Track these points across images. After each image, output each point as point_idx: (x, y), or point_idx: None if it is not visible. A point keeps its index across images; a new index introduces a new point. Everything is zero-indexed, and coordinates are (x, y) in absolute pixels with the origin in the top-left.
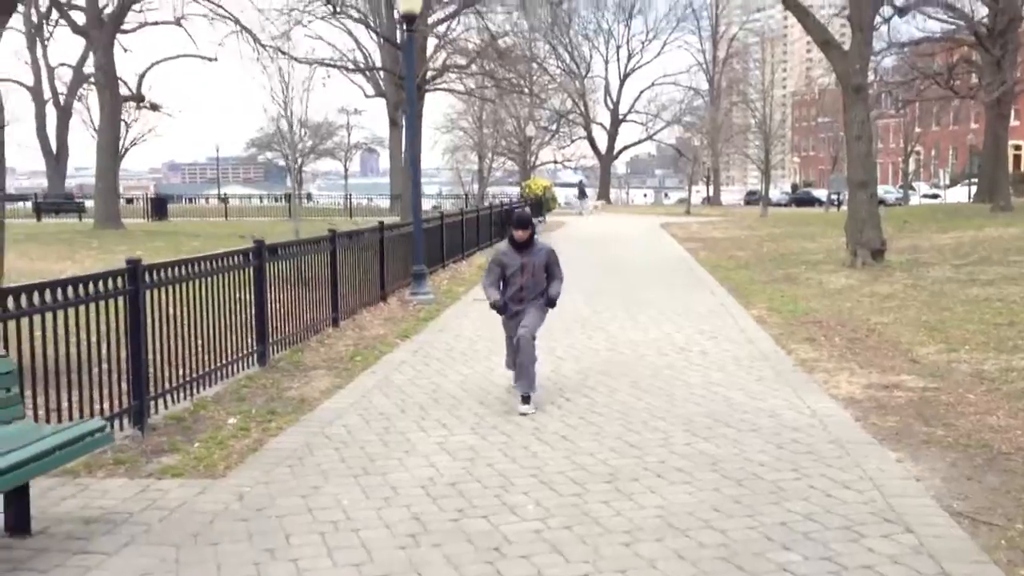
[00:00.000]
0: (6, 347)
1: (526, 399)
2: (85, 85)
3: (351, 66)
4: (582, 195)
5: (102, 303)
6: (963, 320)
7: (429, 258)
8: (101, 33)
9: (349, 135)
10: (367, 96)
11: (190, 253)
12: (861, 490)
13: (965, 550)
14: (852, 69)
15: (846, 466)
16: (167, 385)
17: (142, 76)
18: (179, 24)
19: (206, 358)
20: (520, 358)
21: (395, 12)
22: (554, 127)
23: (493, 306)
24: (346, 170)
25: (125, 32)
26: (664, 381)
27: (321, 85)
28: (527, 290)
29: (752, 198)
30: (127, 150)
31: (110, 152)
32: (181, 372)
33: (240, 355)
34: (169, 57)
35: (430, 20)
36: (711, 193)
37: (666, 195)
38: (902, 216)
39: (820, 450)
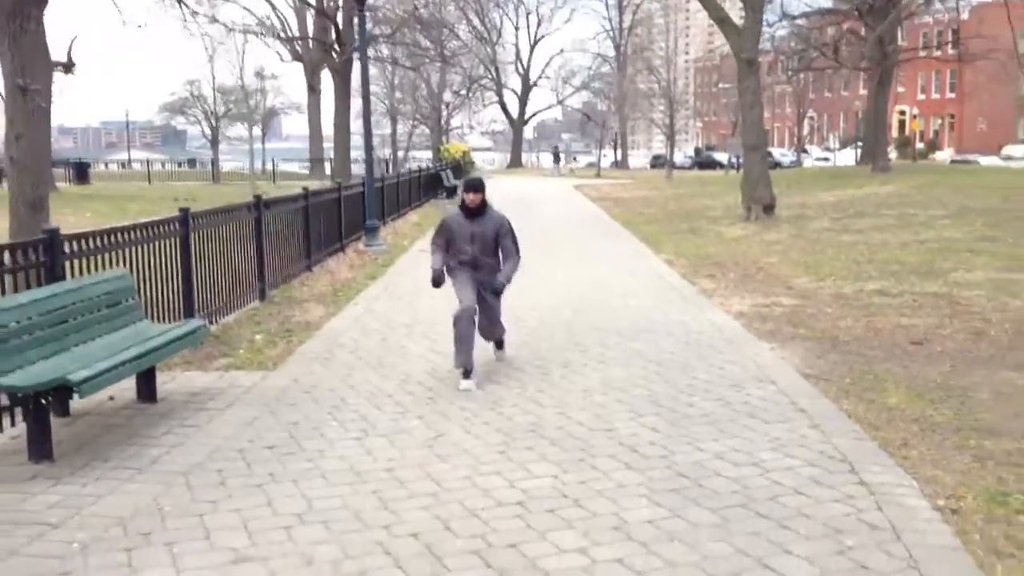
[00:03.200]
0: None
1: (500, 343)
2: None
3: (282, 35)
4: (556, 159)
5: (159, 243)
6: (832, 259)
7: (364, 217)
8: None
9: (265, 100)
10: (283, 61)
11: (138, 216)
12: (743, 365)
13: (810, 393)
14: (745, 44)
15: (734, 352)
16: (203, 311)
17: (72, 43)
18: None
19: (225, 291)
20: (484, 322)
21: None
22: (464, 92)
23: (433, 274)
24: (264, 135)
25: None
26: (596, 305)
27: (240, 51)
28: (479, 262)
29: (657, 162)
30: None
31: (44, 115)
32: (211, 300)
33: (247, 290)
34: (99, 25)
35: None
36: (619, 157)
37: (575, 158)
38: (792, 177)
39: (716, 344)
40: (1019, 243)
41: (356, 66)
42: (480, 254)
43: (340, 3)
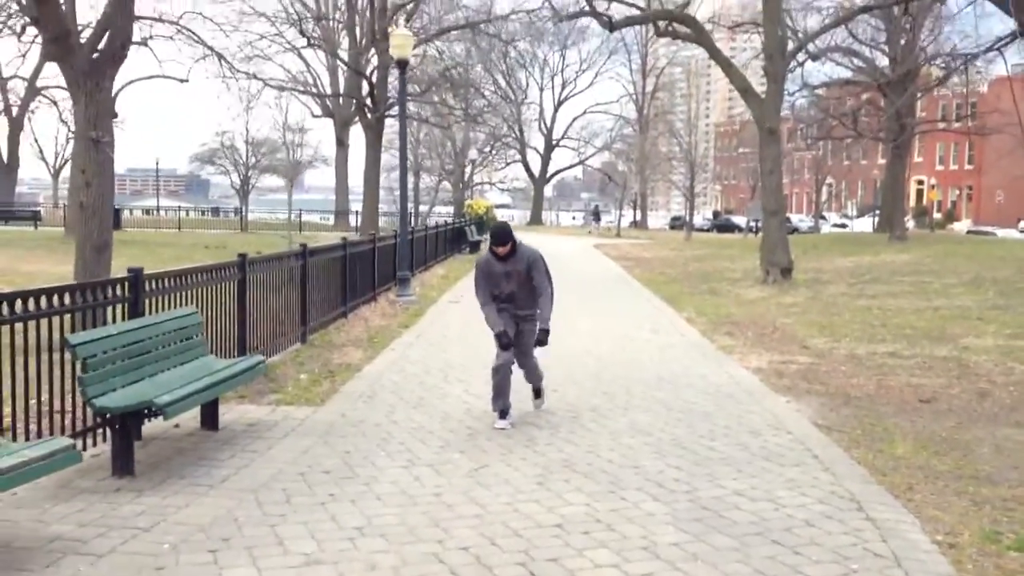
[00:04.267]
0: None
1: (537, 391)
2: (38, 98)
3: (321, 91)
4: (596, 218)
5: (218, 286)
6: (848, 322)
7: (394, 268)
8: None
9: (292, 153)
10: (314, 116)
11: (168, 261)
12: (761, 415)
13: (823, 442)
14: (767, 114)
15: (751, 403)
16: (254, 350)
17: (117, 93)
18: (145, 44)
19: (273, 333)
20: (527, 370)
21: (357, 42)
22: (488, 150)
23: (498, 337)
24: (291, 186)
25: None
26: (622, 358)
27: (276, 105)
28: (518, 295)
29: (676, 223)
30: (67, 162)
31: None
32: (261, 341)
33: (291, 333)
34: (143, 77)
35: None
36: (638, 217)
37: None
38: (810, 243)
39: (735, 395)
40: None
41: (387, 123)
42: (516, 290)
43: (375, 62)
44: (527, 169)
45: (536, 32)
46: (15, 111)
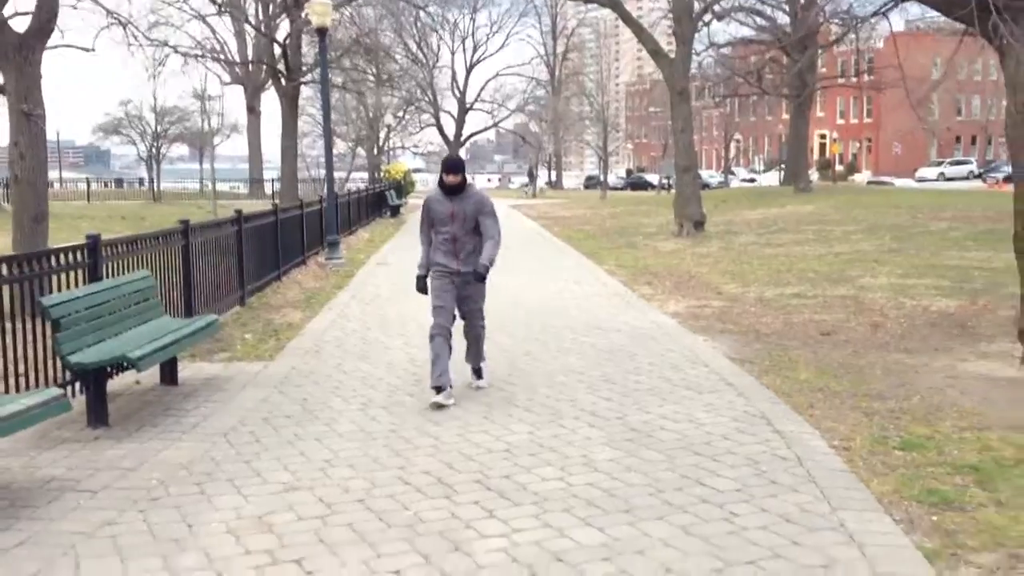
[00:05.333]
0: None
1: (478, 371)
2: None
3: (230, 58)
4: (532, 179)
5: (164, 250)
6: (756, 269)
7: (321, 233)
8: None
9: (208, 121)
10: (223, 83)
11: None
12: (680, 353)
13: (736, 372)
14: (677, 75)
15: (671, 343)
16: (199, 311)
17: None
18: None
19: (214, 295)
20: (476, 343)
21: (268, 8)
22: (402, 114)
23: (417, 280)
24: (200, 157)
25: None
26: (550, 308)
27: (183, 73)
28: (460, 242)
29: (591, 182)
30: None
31: None
32: (204, 303)
33: (231, 296)
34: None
35: (304, 17)
36: (553, 178)
37: (510, 180)
38: (720, 197)
39: (657, 337)
40: (920, 254)
41: (304, 90)
42: (460, 232)
43: (287, 29)
44: (441, 133)
45: None
46: None
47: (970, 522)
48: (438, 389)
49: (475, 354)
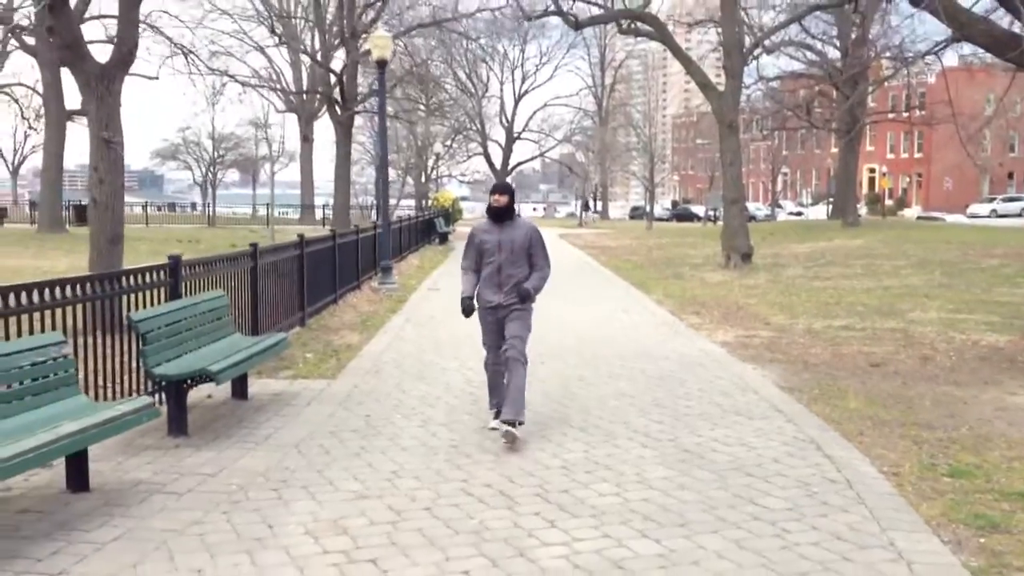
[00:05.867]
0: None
1: (511, 423)
2: None
3: (286, 88)
4: (586, 208)
5: (235, 272)
6: (805, 301)
7: (375, 258)
8: (50, 52)
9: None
10: (278, 111)
11: (147, 256)
12: (730, 380)
13: (786, 400)
14: (726, 108)
15: (721, 371)
16: (264, 330)
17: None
18: (112, 43)
19: (278, 315)
20: (510, 383)
21: (325, 39)
22: (449, 143)
23: (462, 302)
24: (254, 182)
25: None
26: (600, 336)
27: (239, 101)
28: (505, 272)
29: (636, 213)
30: (25, 158)
31: (55, 164)
32: (269, 322)
33: (292, 317)
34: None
35: (362, 47)
36: (599, 208)
37: (556, 209)
38: (768, 230)
39: (706, 365)
40: (970, 290)
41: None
42: (506, 262)
43: (342, 59)
44: (488, 161)
45: (497, 27)
46: None
47: (1017, 544)
48: (497, 413)
49: (512, 403)
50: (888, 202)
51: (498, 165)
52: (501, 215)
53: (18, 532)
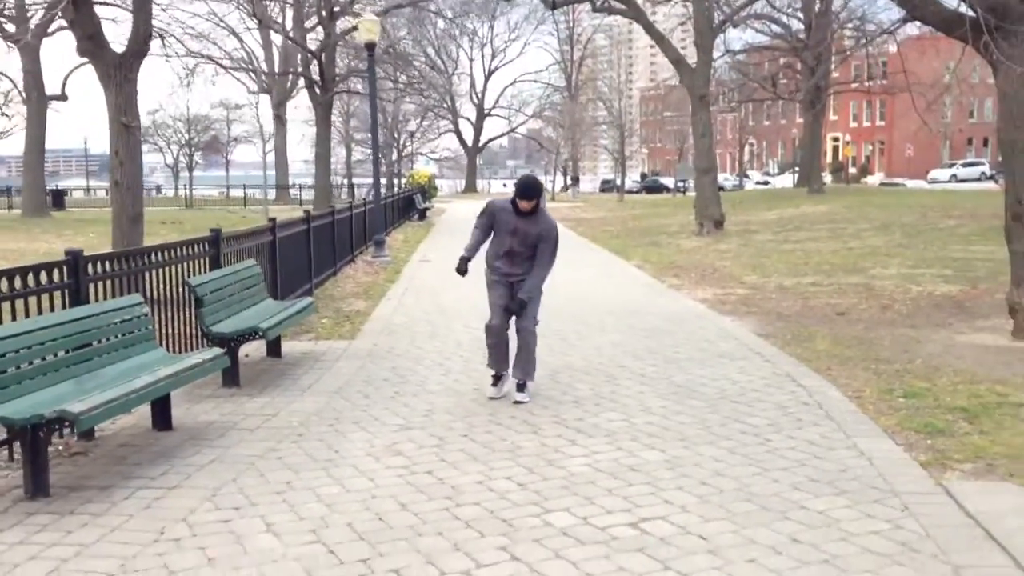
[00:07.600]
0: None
1: (521, 386)
2: None
3: (260, 69)
4: (575, 182)
5: (259, 245)
6: (775, 262)
7: (364, 233)
8: (31, 40)
9: (230, 129)
10: (250, 92)
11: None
12: (712, 330)
13: (763, 344)
14: (697, 82)
15: (703, 322)
16: (282, 298)
17: (66, 77)
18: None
19: (291, 285)
20: (524, 348)
21: (303, 20)
22: (421, 121)
23: (460, 260)
24: (227, 163)
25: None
26: (589, 297)
27: (211, 83)
28: (516, 255)
29: (607, 186)
30: None
31: (37, 148)
32: (285, 291)
33: (301, 287)
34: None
35: (339, 28)
36: (569, 181)
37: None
38: (737, 199)
39: (689, 319)
40: (928, 248)
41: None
42: (517, 247)
43: (322, 41)
44: (459, 138)
45: (466, 4)
46: None
47: (957, 444)
48: (496, 379)
49: (523, 364)
50: (851, 170)
51: (468, 142)
52: (525, 214)
53: (126, 460)
